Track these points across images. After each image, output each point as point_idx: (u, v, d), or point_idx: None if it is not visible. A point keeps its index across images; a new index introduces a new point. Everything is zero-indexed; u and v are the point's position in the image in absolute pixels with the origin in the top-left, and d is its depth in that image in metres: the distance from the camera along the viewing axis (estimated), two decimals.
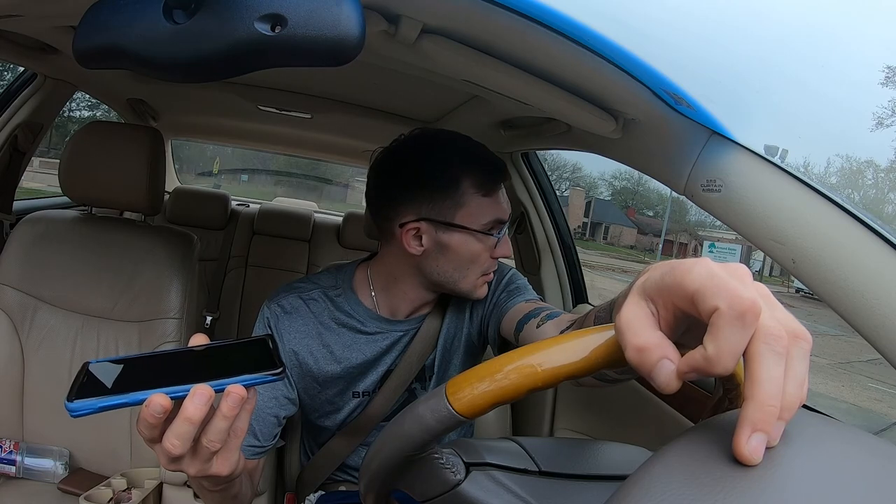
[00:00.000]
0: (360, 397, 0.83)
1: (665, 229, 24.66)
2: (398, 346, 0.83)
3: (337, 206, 3.20)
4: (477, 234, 0.74)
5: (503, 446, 0.44)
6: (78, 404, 0.37)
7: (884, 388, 6.76)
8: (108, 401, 0.38)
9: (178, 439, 0.39)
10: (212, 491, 0.52)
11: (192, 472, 0.42)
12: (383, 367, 0.82)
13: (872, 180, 25.56)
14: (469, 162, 0.74)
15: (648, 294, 0.29)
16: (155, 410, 0.37)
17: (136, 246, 1.04)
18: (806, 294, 15.16)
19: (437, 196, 0.73)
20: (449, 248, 0.74)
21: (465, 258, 0.74)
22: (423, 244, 0.74)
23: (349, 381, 0.82)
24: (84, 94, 1.52)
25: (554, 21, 0.50)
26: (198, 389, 0.38)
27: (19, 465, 0.94)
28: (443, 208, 0.73)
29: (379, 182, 0.78)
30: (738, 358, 0.25)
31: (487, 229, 0.74)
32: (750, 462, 0.24)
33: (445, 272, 0.76)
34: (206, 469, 0.42)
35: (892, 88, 20.97)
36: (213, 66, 0.43)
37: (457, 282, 0.76)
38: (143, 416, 0.38)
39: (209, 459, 0.42)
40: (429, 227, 0.73)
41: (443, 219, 0.73)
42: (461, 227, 0.73)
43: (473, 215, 0.73)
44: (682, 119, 0.63)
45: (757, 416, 0.25)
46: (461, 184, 0.73)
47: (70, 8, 0.61)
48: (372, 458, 0.42)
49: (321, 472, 0.89)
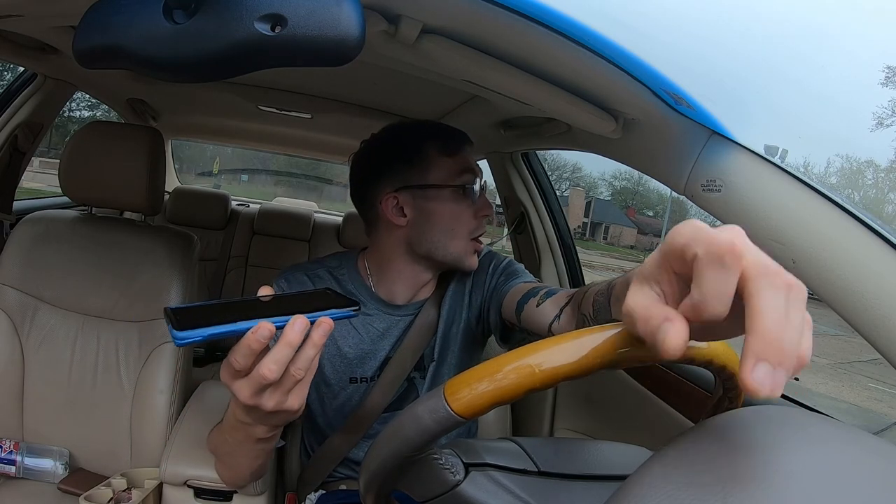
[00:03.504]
0: (357, 383, 0.84)
1: (665, 229, 24.64)
2: (394, 332, 0.84)
3: (337, 206, 3.20)
4: (451, 190, 0.79)
5: (503, 447, 0.44)
6: (185, 333, 0.40)
7: (884, 388, 6.75)
8: (214, 329, 0.41)
9: (276, 364, 0.44)
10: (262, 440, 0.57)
11: (270, 406, 0.47)
12: (382, 353, 0.84)
13: (872, 180, 25.55)
14: (430, 131, 0.82)
15: (648, 275, 0.29)
16: (262, 335, 0.42)
17: (136, 246, 1.04)
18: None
19: (407, 166, 0.79)
20: (431, 212, 0.79)
21: (447, 218, 0.79)
22: (406, 214, 0.79)
23: (347, 364, 0.83)
24: (84, 94, 1.52)
25: (554, 21, 0.50)
26: (298, 319, 0.43)
27: (19, 465, 0.94)
28: (414, 174, 0.79)
29: (356, 173, 0.85)
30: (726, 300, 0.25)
31: (460, 183, 0.79)
32: (758, 394, 0.23)
33: (432, 239, 0.79)
34: (283, 402, 0.47)
35: (892, 88, 20.97)
36: (213, 66, 0.43)
37: (446, 247, 0.80)
38: (247, 342, 0.42)
39: (289, 391, 0.47)
40: (406, 195, 0.79)
41: (416, 182, 0.79)
42: (435, 185, 0.78)
43: (444, 173, 0.79)
44: (682, 119, 0.63)
45: (759, 347, 0.23)
46: (426, 150, 0.79)
47: (70, 8, 0.61)
48: (372, 459, 0.42)
49: (322, 469, 0.89)
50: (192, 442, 0.86)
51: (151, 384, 0.99)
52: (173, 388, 0.99)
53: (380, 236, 0.83)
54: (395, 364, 0.83)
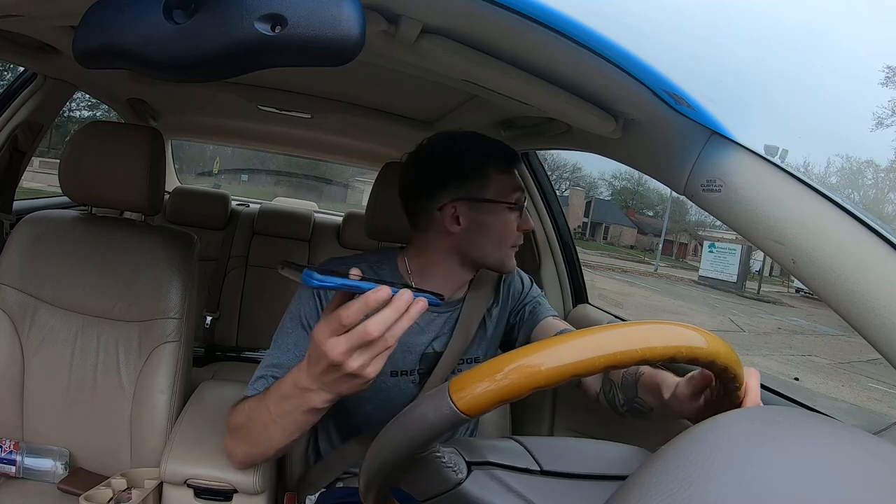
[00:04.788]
0: (398, 377, 0.85)
1: (665, 229, 24.63)
2: (433, 328, 0.87)
3: (337, 206, 3.20)
4: (506, 206, 0.84)
5: (505, 445, 0.45)
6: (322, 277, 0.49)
7: (884, 388, 6.75)
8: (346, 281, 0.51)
9: (383, 324, 0.52)
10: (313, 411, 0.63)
11: (355, 366, 0.54)
12: (420, 347, 0.86)
13: (872, 180, 25.55)
14: (489, 147, 0.86)
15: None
16: (381, 297, 0.51)
17: (136, 246, 1.04)
18: (806, 294, 15.11)
19: (467, 179, 0.83)
20: (485, 223, 0.83)
21: (498, 230, 0.84)
22: (461, 223, 0.83)
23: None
24: (84, 94, 1.52)
25: (554, 21, 0.50)
26: (405, 291, 0.53)
27: (19, 465, 0.94)
28: (474, 188, 0.83)
29: (412, 178, 0.88)
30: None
31: (513, 200, 0.84)
32: None
33: (483, 247, 0.85)
34: (365, 366, 0.54)
35: (892, 88, 20.94)
36: (213, 66, 0.43)
37: (493, 255, 0.85)
38: (366, 299, 0.51)
39: (374, 357, 0.54)
40: (464, 206, 0.83)
41: (476, 196, 0.83)
42: (492, 200, 0.83)
43: (500, 189, 0.84)
44: (682, 119, 0.63)
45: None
46: (486, 165, 0.84)
47: (70, 8, 0.61)
48: (374, 457, 0.42)
49: (329, 474, 0.89)
50: (192, 442, 0.86)
51: (151, 384, 0.99)
52: (173, 388, 0.99)
53: (428, 239, 0.86)
54: (443, 363, 0.86)
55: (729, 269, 16.97)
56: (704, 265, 17.97)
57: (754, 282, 17.84)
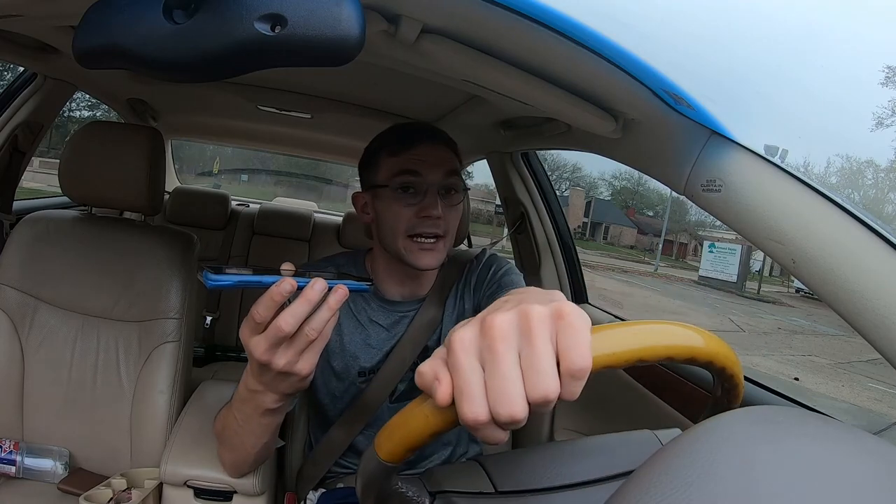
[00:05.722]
0: (365, 376, 0.86)
1: (665, 229, 24.64)
2: (398, 328, 0.87)
3: (337, 206, 3.20)
4: (390, 189, 0.80)
5: (465, 469, 0.46)
6: (216, 276, 0.46)
7: (884, 388, 6.76)
8: (243, 277, 0.47)
9: (293, 318, 0.48)
10: (269, 412, 0.61)
11: (281, 363, 0.51)
12: (385, 347, 0.86)
13: (872, 180, 25.55)
14: (387, 132, 0.85)
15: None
16: (284, 289, 0.47)
17: (136, 246, 1.04)
18: (806, 294, 15.11)
19: (368, 166, 0.85)
20: (378, 211, 0.83)
21: (389, 216, 0.81)
22: (368, 212, 0.85)
23: (353, 358, 0.85)
24: (84, 94, 1.52)
25: (554, 21, 0.50)
26: (317, 280, 0.48)
27: (19, 465, 0.94)
28: (370, 174, 0.84)
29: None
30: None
31: (397, 182, 0.79)
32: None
33: (383, 237, 0.83)
34: (293, 363, 0.51)
35: (892, 88, 20.96)
36: (213, 67, 0.43)
37: (392, 244, 0.81)
38: (271, 295, 0.47)
39: (301, 352, 0.51)
40: (368, 195, 0.84)
41: (368, 184, 0.84)
42: (379, 186, 0.82)
43: (383, 173, 0.81)
44: (682, 119, 0.63)
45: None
46: (379, 151, 0.83)
47: (70, 8, 0.61)
48: (360, 474, 0.43)
49: (322, 464, 0.90)
50: (192, 442, 0.86)
51: (151, 384, 0.99)
52: (173, 388, 0.99)
53: (371, 236, 0.88)
54: (394, 357, 0.85)
55: (729, 269, 16.98)
56: (704, 265, 17.99)
57: (754, 282, 17.85)
